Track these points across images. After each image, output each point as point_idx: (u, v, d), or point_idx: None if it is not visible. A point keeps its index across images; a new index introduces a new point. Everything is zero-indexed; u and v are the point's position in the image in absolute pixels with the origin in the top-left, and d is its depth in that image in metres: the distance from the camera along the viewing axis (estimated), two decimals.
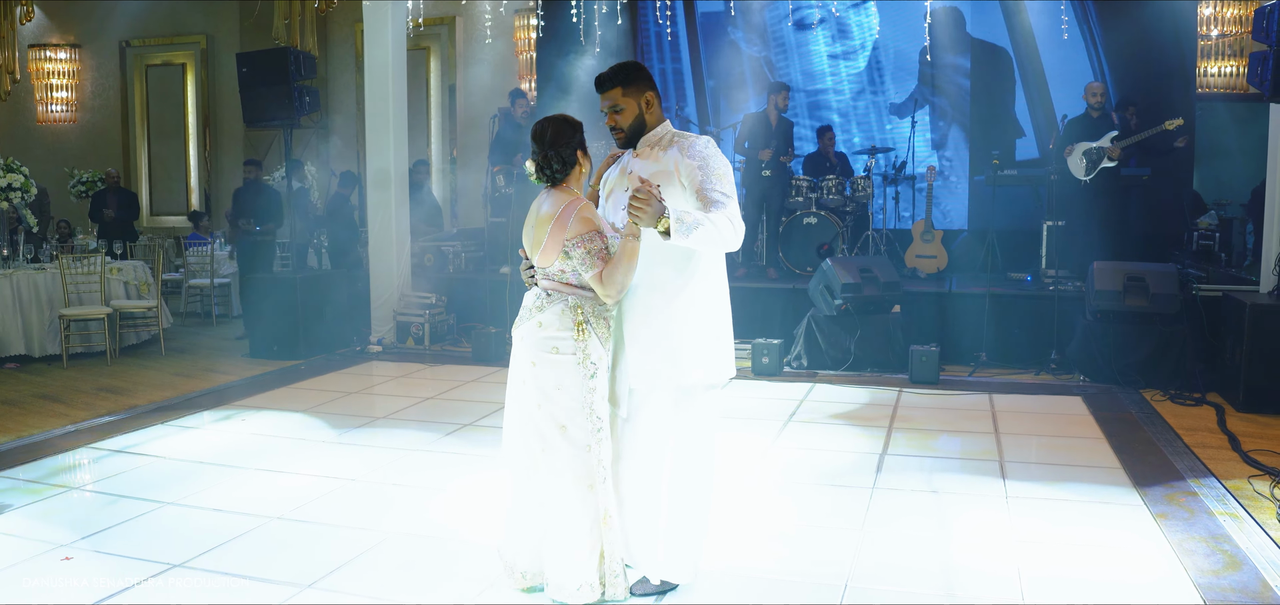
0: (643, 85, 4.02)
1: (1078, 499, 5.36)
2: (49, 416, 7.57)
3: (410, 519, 5.10)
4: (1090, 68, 11.21)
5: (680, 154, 3.89)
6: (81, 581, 4.31)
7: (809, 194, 10.53)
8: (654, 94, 4.05)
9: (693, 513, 4.00)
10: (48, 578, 4.37)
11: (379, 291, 10.52)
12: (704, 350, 3.92)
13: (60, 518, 5.20)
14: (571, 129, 3.99)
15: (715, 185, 3.80)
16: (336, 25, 14.96)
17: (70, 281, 9.84)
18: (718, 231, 3.69)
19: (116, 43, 16.40)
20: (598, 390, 3.92)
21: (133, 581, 4.29)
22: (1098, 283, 8.29)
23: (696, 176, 3.82)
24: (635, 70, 4.04)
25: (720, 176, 3.83)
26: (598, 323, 3.92)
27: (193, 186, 16.27)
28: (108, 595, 4.16)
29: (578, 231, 3.82)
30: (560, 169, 3.97)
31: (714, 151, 3.89)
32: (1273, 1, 7.40)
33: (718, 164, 3.85)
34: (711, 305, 3.97)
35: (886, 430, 6.83)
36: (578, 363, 3.89)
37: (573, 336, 3.88)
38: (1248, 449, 6.21)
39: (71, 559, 4.58)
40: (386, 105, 10.41)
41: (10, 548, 4.73)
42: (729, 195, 3.80)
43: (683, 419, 3.95)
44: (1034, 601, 4.00)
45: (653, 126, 4.04)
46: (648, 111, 4.02)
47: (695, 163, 3.84)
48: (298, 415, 7.49)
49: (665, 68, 12.93)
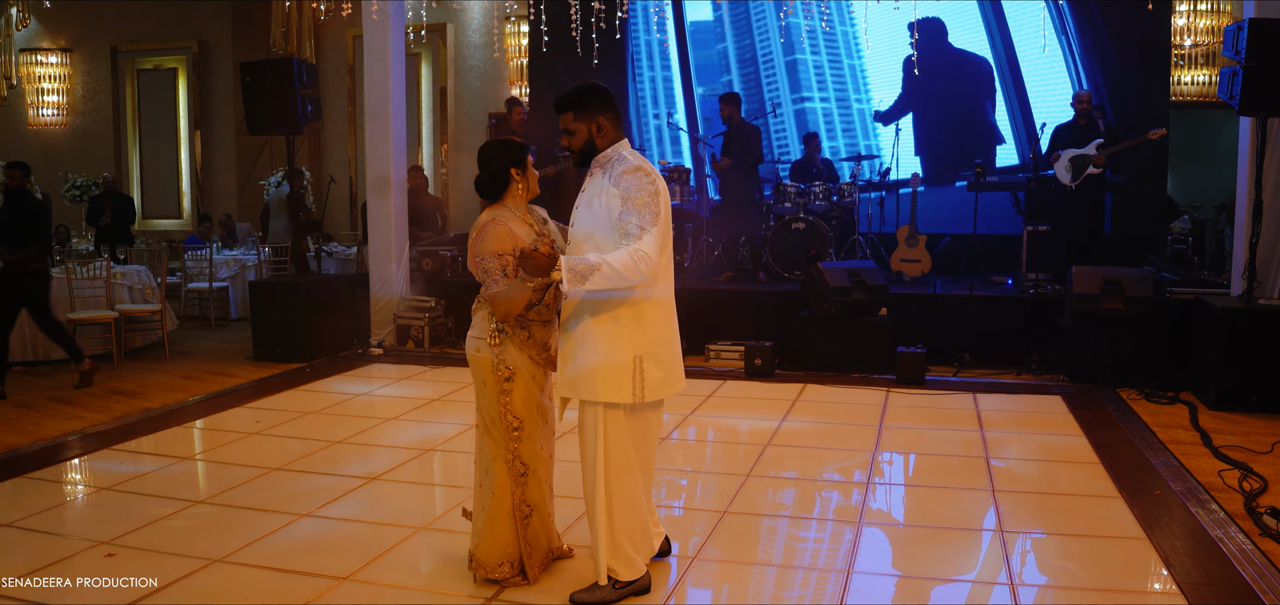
0: (595, 110, 4.14)
1: (1060, 492, 5.72)
2: (64, 419, 7.78)
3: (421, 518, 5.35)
4: (1069, 77, 11.59)
5: (609, 182, 4.03)
6: (126, 576, 4.52)
7: (797, 199, 10.84)
8: (608, 117, 4.15)
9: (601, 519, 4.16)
10: (94, 574, 4.57)
11: (379, 295, 10.75)
12: (609, 369, 4.03)
13: (97, 516, 5.44)
14: (503, 150, 4.30)
15: (631, 218, 3.90)
16: (327, 32, 15.16)
17: (75, 286, 10.05)
18: (617, 275, 3.81)
19: (108, 47, 16.50)
20: (515, 394, 4.21)
21: (180, 575, 4.53)
22: (1076, 286, 8.65)
23: (615, 208, 3.96)
24: (588, 94, 4.17)
25: (640, 208, 3.90)
26: (515, 331, 4.20)
27: (185, 191, 16.42)
28: (153, 589, 4.39)
29: (484, 249, 4.15)
30: (490, 185, 4.29)
31: (639, 183, 3.95)
32: (1241, 21, 7.79)
33: (640, 195, 3.92)
34: (624, 326, 4.04)
35: (877, 429, 7.15)
36: (493, 367, 4.20)
37: (488, 343, 4.21)
38: (1218, 445, 6.56)
39: (114, 556, 4.81)
40: (385, 113, 10.65)
41: (53, 546, 4.94)
42: (646, 227, 3.87)
43: (594, 431, 4.14)
44: (1028, 585, 4.32)
45: (603, 148, 4.15)
46: (598, 135, 4.14)
47: (618, 193, 3.96)
48: (314, 416, 7.74)
49: (655, 75, 13.22)
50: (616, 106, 4.24)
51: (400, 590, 4.40)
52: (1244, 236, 8.19)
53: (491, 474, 4.32)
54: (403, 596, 4.34)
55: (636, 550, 4.22)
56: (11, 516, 5.45)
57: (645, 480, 4.32)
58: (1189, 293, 8.85)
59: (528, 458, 4.29)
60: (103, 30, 16.34)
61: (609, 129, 4.17)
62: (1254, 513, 5.19)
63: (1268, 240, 8.13)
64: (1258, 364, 7.58)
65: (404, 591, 4.39)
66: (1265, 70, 7.52)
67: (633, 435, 4.17)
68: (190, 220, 16.13)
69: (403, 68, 10.91)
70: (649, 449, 4.34)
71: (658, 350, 4.10)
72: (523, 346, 4.22)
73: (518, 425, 4.25)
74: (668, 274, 4.16)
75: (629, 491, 4.17)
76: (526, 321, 4.22)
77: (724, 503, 5.51)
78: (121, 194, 14.40)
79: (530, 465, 4.30)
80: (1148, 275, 8.77)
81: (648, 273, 3.86)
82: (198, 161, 16.25)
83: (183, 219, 16.30)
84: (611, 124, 4.18)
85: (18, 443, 7.02)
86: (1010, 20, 11.91)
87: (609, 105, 4.19)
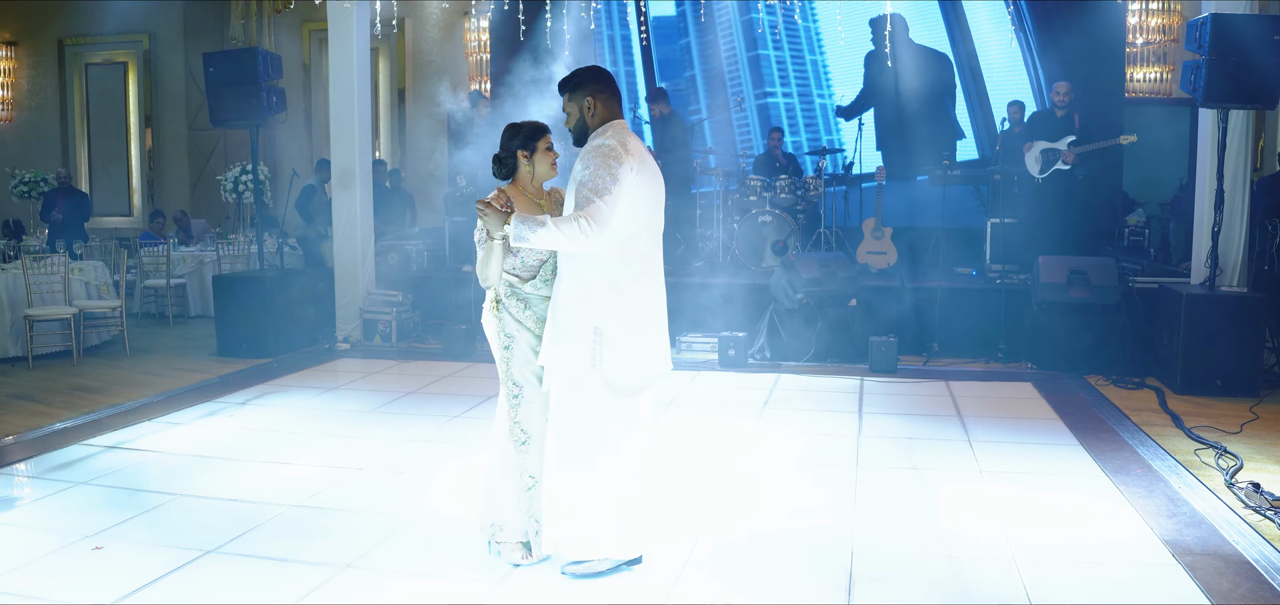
0: (584, 91, 4.24)
1: (1044, 471, 5.83)
2: (28, 416, 7.60)
3: (420, 504, 5.33)
4: (1027, 73, 11.81)
5: (578, 161, 4.14)
6: (121, 568, 4.47)
7: (762, 193, 10.93)
8: (597, 98, 4.23)
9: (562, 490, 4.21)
10: (85, 566, 4.51)
11: (344, 289, 10.64)
12: (569, 338, 4.12)
13: (77, 511, 5.31)
14: (511, 132, 4.45)
15: (586, 185, 4.01)
16: (283, 27, 14.98)
17: (32, 282, 9.83)
18: (560, 233, 3.95)
19: (55, 41, 16.20)
20: (514, 360, 4.35)
21: (173, 565, 4.47)
22: (1043, 275, 8.82)
23: (578, 177, 4.09)
24: (579, 77, 4.29)
25: (593, 176, 4.01)
26: (511, 301, 4.34)
27: (135, 187, 16.15)
28: (153, 579, 4.33)
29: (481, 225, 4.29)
30: (500, 168, 4.46)
31: (596, 157, 4.05)
32: (1202, 16, 8.00)
33: (596, 164, 4.02)
34: (586, 301, 4.11)
35: (857, 414, 7.23)
36: (496, 332, 4.40)
37: (493, 310, 4.41)
38: (1190, 426, 6.74)
39: (102, 548, 4.72)
40: (351, 106, 10.53)
41: (37, 540, 4.85)
42: (598, 193, 3.97)
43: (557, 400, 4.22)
44: (1027, 565, 4.40)
45: (595, 127, 4.24)
46: (589, 115, 4.23)
47: (580, 164, 4.10)
48: (283, 410, 7.65)
49: (618, 71, 13.25)
50: (612, 88, 4.30)
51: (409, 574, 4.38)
52: (1206, 225, 8.40)
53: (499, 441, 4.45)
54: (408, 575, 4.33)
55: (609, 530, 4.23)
56: None
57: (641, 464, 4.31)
58: (1151, 282, 9.06)
59: (528, 425, 4.35)
60: (49, 24, 16.04)
61: (601, 110, 4.24)
62: (1234, 488, 5.34)
63: (1227, 229, 8.35)
64: (1221, 348, 7.80)
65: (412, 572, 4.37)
66: (1227, 63, 7.73)
67: (608, 413, 4.17)
68: (140, 217, 15.85)
69: (368, 57, 10.81)
70: (643, 430, 4.32)
71: (620, 327, 4.13)
72: (521, 318, 4.34)
73: (517, 391, 4.36)
74: (645, 256, 4.21)
75: (595, 467, 4.18)
76: (525, 295, 4.33)
77: (721, 484, 5.55)
78: (75, 190, 14.11)
79: (530, 433, 4.35)
80: (1111, 264, 8.96)
81: (594, 236, 3.95)
82: (149, 158, 15.97)
83: (133, 216, 16.04)
84: (603, 104, 4.25)
85: None
86: (970, 18, 12.11)
87: (601, 86, 4.27)
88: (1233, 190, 8.35)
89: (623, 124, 4.27)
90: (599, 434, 4.17)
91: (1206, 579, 4.16)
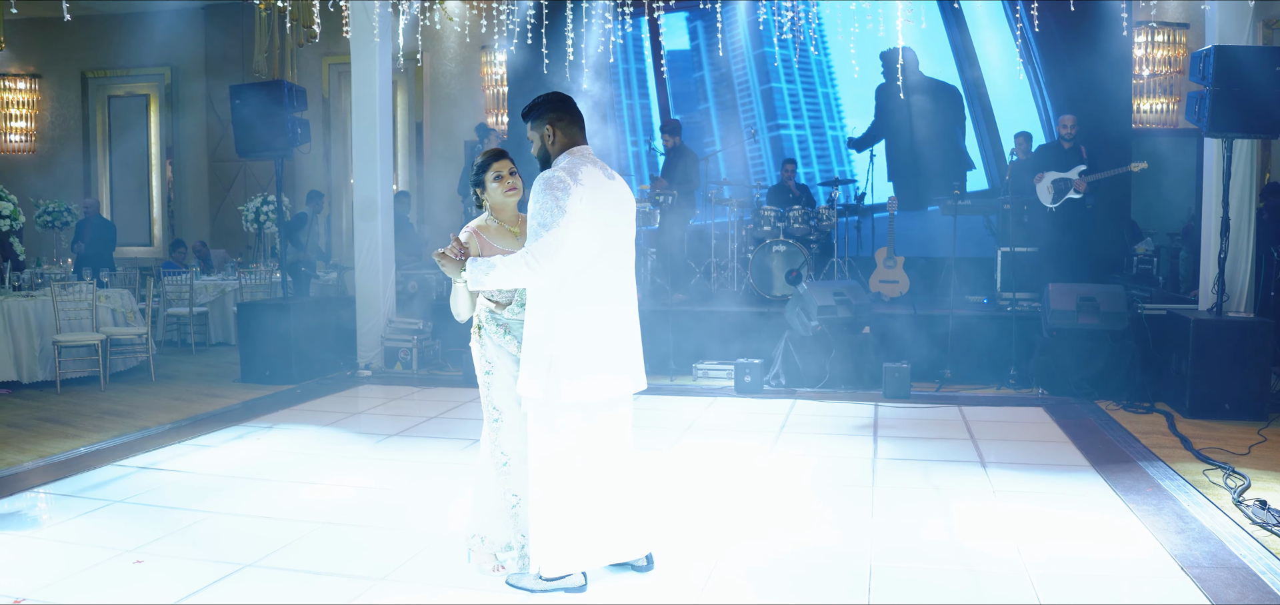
0: (543, 119, 4.33)
1: (1056, 490, 5.97)
2: (60, 438, 7.77)
3: (443, 523, 5.45)
4: (1036, 104, 12.01)
5: (532, 187, 4.22)
6: (162, 581, 4.62)
7: (776, 224, 11.12)
8: (555, 126, 4.31)
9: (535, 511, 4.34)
10: (127, 580, 4.66)
11: (366, 318, 10.83)
12: (530, 365, 4.25)
13: (115, 527, 5.46)
14: (471, 170, 4.67)
15: (535, 218, 4.12)
16: (302, 60, 15.24)
17: (60, 309, 10.04)
18: (510, 273, 4.13)
19: (78, 73, 16.49)
20: (494, 386, 4.56)
21: (213, 578, 4.62)
22: (1053, 302, 8.97)
23: (530, 210, 4.18)
24: (539, 104, 4.38)
25: (540, 209, 4.10)
26: (491, 327, 4.53)
27: (156, 217, 16.40)
28: (196, 590, 4.49)
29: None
30: (477, 203, 4.67)
31: (546, 187, 4.12)
32: (1206, 48, 8.18)
33: (542, 197, 4.10)
34: (544, 327, 4.22)
35: (872, 438, 7.38)
36: (477, 357, 4.60)
37: (476, 336, 4.60)
38: (1199, 448, 6.88)
39: (143, 563, 4.88)
40: (373, 138, 10.76)
41: (79, 554, 5.00)
42: (545, 226, 4.07)
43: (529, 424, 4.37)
44: (1041, 578, 4.54)
45: (556, 154, 4.33)
46: (549, 143, 4.34)
47: (531, 197, 4.19)
48: (309, 434, 7.81)
49: (633, 103, 13.48)
50: (571, 114, 4.38)
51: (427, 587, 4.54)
52: (1212, 252, 8.56)
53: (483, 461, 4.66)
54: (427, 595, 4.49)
55: (571, 549, 4.32)
56: (35, 529, 5.51)
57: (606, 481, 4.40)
58: (1160, 308, 9.22)
59: (507, 447, 4.56)
60: (73, 56, 16.32)
61: (561, 137, 4.34)
62: (1242, 505, 5.48)
63: (1233, 256, 8.51)
64: (1229, 373, 7.95)
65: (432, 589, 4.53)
66: (1231, 94, 7.91)
67: (576, 433, 4.29)
68: (161, 247, 16.10)
69: (390, 90, 11.06)
70: (605, 449, 4.40)
71: (576, 353, 4.21)
72: (502, 343, 4.52)
73: (497, 415, 4.57)
74: (605, 278, 4.30)
75: (562, 488, 4.29)
76: (504, 321, 4.52)
77: (739, 506, 5.71)
78: (102, 219, 14.36)
79: (510, 455, 4.55)
80: (1120, 292, 9.12)
81: (541, 269, 4.08)
82: (170, 188, 16.23)
83: (154, 246, 16.28)
84: (562, 131, 4.34)
85: (19, 460, 7.04)
86: (978, 50, 12.32)
87: (560, 113, 4.35)
88: (1238, 218, 8.53)
89: (583, 150, 4.34)
90: (561, 456, 4.28)
91: (1214, 589, 4.30)
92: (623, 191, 4.42)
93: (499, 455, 4.57)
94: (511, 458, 4.55)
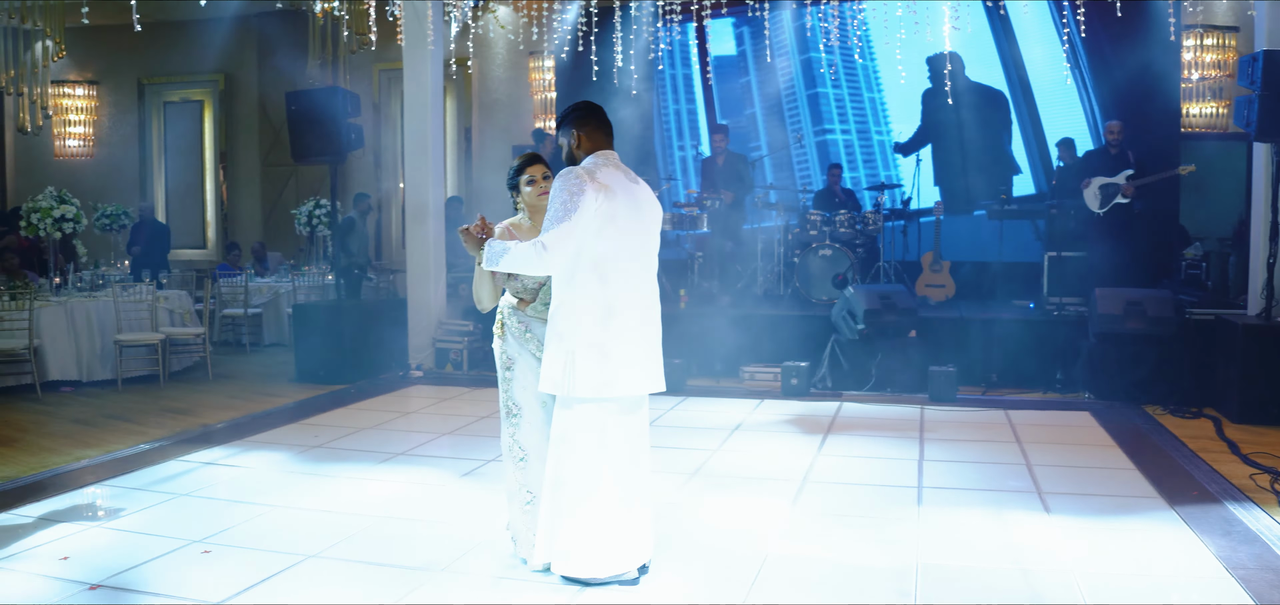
0: (571, 126, 4.54)
1: (1102, 493, 6.02)
2: (124, 435, 8.02)
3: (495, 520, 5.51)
4: (1083, 109, 12.00)
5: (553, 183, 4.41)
6: (230, 569, 4.80)
7: (822, 228, 11.20)
8: (584, 131, 4.50)
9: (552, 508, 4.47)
10: (196, 568, 4.85)
11: (417, 319, 11.04)
12: (549, 363, 4.40)
13: (181, 519, 5.66)
14: (511, 170, 4.83)
15: (549, 211, 4.30)
16: (353, 66, 15.49)
17: (121, 309, 10.32)
18: (521, 258, 4.27)
19: (134, 80, 16.86)
20: (514, 383, 4.69)
21: (279, 568, 4.79)
22: (1100, 307, 8.98)
23: (548, 202, 4.36)
24: (567, 114, 4.59)
25: (555, 203, 4.28)
26: (513, 323, 4.68)
27: (209, 221, 16.73)
28: (262, 578, 4.66)
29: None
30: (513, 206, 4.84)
31: (557, 187, 4.30)
32: (1254, 52, 8.17)
33: (559, 193, 4.28)
34: (566, 324, 4.35)
35: (918, 441, 7.44)
36: (498, 354, 4.74)
37: (498, 333, 4.75)
38: (1247, 453, 6.88)
39: (210, 552, 5.06)
40: (425, 144, 10.99)
41: (149, 544, 5.19)
42: (556, 219, 4.24)
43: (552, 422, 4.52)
44: (1087, 577, 4.60)
45: (582, 159, 4.50)
46: (577, 148, 4.52)
47: (550, 193, 4.36)
48: (364, 432, 8.00)
49: (680, 109, 13.61)
50: (596, 120, 4.56)
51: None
52: (1261, 257, 8.53)
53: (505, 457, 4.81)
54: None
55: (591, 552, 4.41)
56: (107, 520, 5.73)
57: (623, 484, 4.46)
58: (1208, 313, 9.18)
59: (526, 444, 4.70)
60: (130, 64, 16.67)
61: (586, 141, 4.53)
62: None
63: None
64: (1277, 378, 7.92)
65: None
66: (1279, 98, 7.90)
67: (593, 432, 4.39)
68: (215, 250, 16.43)
69: (442, 97, 11.27)
70: (624, 452, 4.47)
71: (595, 348, 4.32)
72: (523, 341, 4.67)
73: (516, 412, 4.71)
74: (624, 279, 4.40)
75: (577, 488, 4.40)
76: (526, 318, 4.67)
77: (786, 506, 5.81)
78: (156, 222, 14.69)
79: (528, 452, 4.69)
80: (1168, 297, 9.10)
81: (549, 258, 4.24)
82: (223, 192, 16.56)
83: (207, 249, 16.61)
84: (587, 136, 4.53)
85: (87, 454, 7.28)
86: (1025, 55, 12.33)
87: (586, 120, 4.54)
88: None
89: (608, 154, 4.51)
90: (579, 456, 4.40)
91: (1259, 590, 4.35)
92: (646, 197, 4.56)
93: (516, 451, 4.72)
94: (530, 455, 4.69)
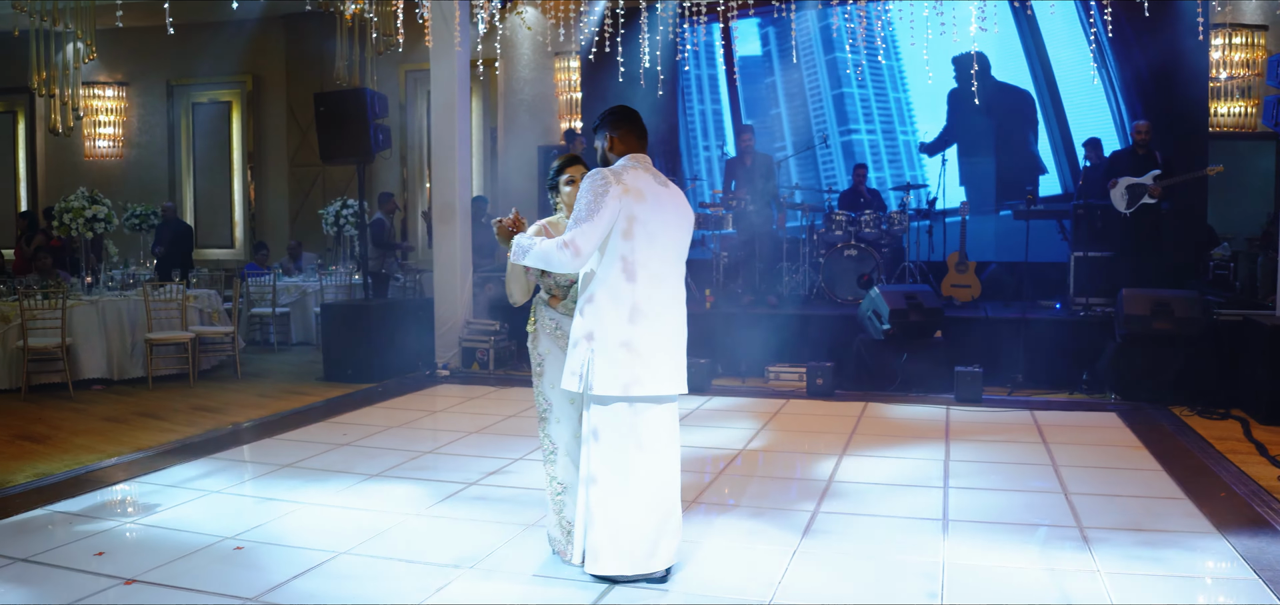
0: (604, 128, 4.62)
1: (1129, 493, 6.01)
2: (155, 432, 8.13)
3: (525, 516, 5.62)
4: (1109, 109, 11.95)
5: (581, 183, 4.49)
6: (264, 564, 4.88)
7: (848, 228, 11.21)
8: (617, 135, 4.58)
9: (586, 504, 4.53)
10: (230, 563, 4.92)
11: (444, 319, 11.11)
12: (573, 360, 4.45)
13: (213, 516, 5.72)
14: (552, 170, 4.93)
15: (576, 211, 4.37)
16: (379, 66, 15.59)
17: (152, 308, 10.44)
18: (545, 255, 4.35)
19: (164, 81, 17.04)
20: (546, 377, 4.78)
21: (311, 564, 4.86)
22: (1126, 308, 8.95)
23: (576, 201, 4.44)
24: (601, 118, 4.67)
25: (581, 203, 4.35)
26: (545, 321, 4.79)
27: (237, 221, 16.88)
28: (294, 575, 4.72)
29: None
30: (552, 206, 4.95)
31: (586, 184, 4.38)
32: None
33: (584, 193, 4.35)
34: (589, 323, 4.40)
35: (944, 441, 7.45)
36: (532, 351, 4.86)
37: (532, 330, 4.86)
38: (1275, 454, 6.86)
39: (242, 548, 5.14)
40: (452, 146, 11.06)
41: (183, 540, 5.26)
42: (580, 220, 4.31)
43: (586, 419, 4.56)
44: (1113, 576, 4.61)
45: (614, 162, 4.58)
46: (610, 151, 4.60)
47: (578, 191, 4.44)
48: (393, 431, 8.07)
49: (705, 109, 13.64)
50: (629, 124, 4.63)
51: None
52: None
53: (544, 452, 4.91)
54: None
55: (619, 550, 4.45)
56: (143, 516, 5.82)
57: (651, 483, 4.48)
58: (1236, 314, 9.14)
59: (556, 439, 4.80)
60: (160, 65, 16.84)
61: (618, 145, 4.61)
62: None
63: None
64: None
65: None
66: None
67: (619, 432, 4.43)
68: (242, 249, 16.58)
69: (468, 97, 11.34)
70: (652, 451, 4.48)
71: (619, 348, 4.37)
72: (554, 339, 4.76)
73: (547, 407, 4.80)
74: (651, 280, 4.43)
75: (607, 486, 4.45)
76: (557, 316, 4.76)
77: (812, 504, 5.84)
78: (180, 221, 14.84)
79: (558, 446, 4.79)
80: (1195, 297, 9.06)
81: (571, 256, 4.30)
82: (251, 192, 16.71)
83: (235, 248, 16.76)
84: (620, 140, 4.61)
85: (121, 451, 7.38)
86: (1051, 54, 12.29)
87: (618, 124, 4.62)
88: None
89: (639, 157, 4.56)
90: (606, 455, 4.44)
91: None
92: (675, 200, 4.60)
93: (547, 445, 4.82)
94: (559, 450, 4.78)
